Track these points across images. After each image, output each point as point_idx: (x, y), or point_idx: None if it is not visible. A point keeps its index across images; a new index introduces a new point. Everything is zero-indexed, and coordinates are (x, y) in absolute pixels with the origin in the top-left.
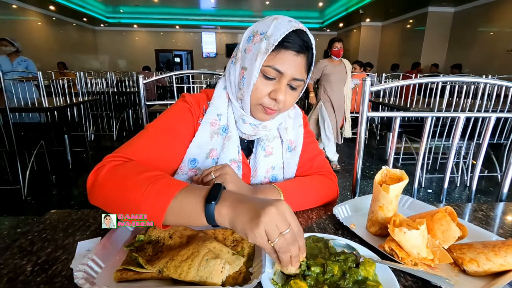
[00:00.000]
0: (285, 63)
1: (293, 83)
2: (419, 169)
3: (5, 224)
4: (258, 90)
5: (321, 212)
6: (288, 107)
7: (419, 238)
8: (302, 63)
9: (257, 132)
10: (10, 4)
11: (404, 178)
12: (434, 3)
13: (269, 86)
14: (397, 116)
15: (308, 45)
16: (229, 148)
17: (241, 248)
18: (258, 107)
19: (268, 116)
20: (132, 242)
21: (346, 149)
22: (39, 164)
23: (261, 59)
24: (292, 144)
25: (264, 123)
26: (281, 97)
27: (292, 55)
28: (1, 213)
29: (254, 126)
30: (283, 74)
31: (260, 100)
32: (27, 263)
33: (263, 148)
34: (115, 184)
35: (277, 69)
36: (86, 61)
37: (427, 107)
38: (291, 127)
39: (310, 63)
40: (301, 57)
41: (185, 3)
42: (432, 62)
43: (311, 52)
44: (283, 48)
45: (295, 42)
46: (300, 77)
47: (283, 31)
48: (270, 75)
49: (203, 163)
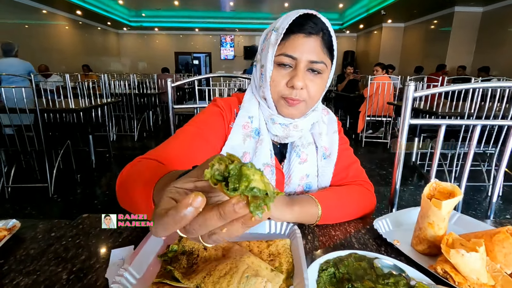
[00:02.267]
0: (296, 47)
1: (313, 66)
2: (456, 178)
3: (40, 227)
4: (275, 81)
5: (359, 225)
6: (314, 96)
7: (478, 262)
8: (317, 45)
9: (288, 133)
10: (40, 9)
11: (457, 194)
12: (461, 3)
13: (286, 76)
14: (442, 124)
15: (319, 26)
16: (262, 152)
17: (279, 264)
18: (281, 101)
19: (293, 109)
20: (166, 253)
21: (367, 154)
22: (65, 163)
23: (273, 50)
24: (326, 151)
25: (294, 122)
26: (298, 83)
27: (302, 38)
28: (30, 210)
29: (284, 126)
30: (297, 59)
31: (280, 92)
32: (63, 271)
33: (298, 154)
34: (129, 181)
35: (289, 55)
36: (109, 63)
37: (455, 110)
38: (325, 132)
39: (329, 45)
40: (313, 39)
41: (205, 6)
42: (458, 64)
43: (326, 33)
44: (292, 34)
45: (303, 25)
46: (318, 59)
47: (290, 18)
48: (285, 63)
49: None
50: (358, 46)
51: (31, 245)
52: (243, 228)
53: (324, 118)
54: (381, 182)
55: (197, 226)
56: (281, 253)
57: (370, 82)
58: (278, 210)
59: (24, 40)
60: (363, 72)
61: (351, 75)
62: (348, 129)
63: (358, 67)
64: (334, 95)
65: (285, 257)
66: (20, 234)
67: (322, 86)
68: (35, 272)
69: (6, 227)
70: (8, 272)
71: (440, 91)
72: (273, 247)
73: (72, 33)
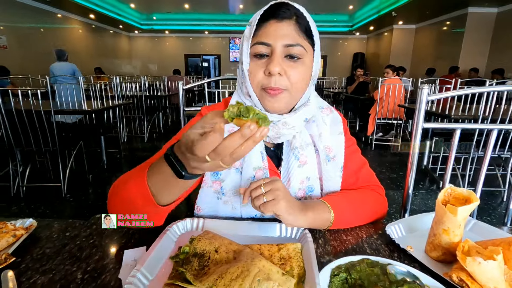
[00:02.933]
0: (269, 33)
1: (290, 51)
2: (468, 182)
3: (55, 227)
4: (253, 73)
5: (371, 230)
6: (296, 84)
7: (496, 270)
8: (291, 28)
9: (278, 132)
10: (55, 13)
11: (473, 200)
12: (475, 4)
13: (263, 65)
14: (457, 128)
15: (292, 11)
16: (251, 156)
17: (290, 268)
18: (262, 93)
19: (275, 101)
20: (177, 254)
21: (377, 157)
22: (77, 164)
23: (247, 43)
24: (330, 152)
25: (283, 119)
26: (274, 68)
27: (274, 23)
28: (44, 209)
29: (273, 125)
30: (272, 45)
31: (260, 83)
32: (77, 270)
33: (297, 157)
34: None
35: (262, 42)
36: (120, 66)
37: (469, 113)
38: (327, 133)
39: (306, 29)
40: (286, 23)
41: (214, 9)
42: (471, 66)
43: (301, 17)
44: (263, 22)
45: (273, 11)
46: (294, 42)
47: (262, 9)
48: (261, 52)
49: (227, 174)
50: (368, 48)
51: (46, 244)
52: (253, 143)
53: (325, 119)
54: (392, 186)
55: (223, 147)
56: (292, 257)
57: (380, 84)
58: (292, 216)
59: (39, 43)
60: (373, 74)
61: (361, 77)
62: (357, 132)
63: (368, 69)
64: (344, 97)
65: (296, 261)
66: (36, 233)
67: (304, 72)
68: (51, 271)
69: (23, 226)
70: (26, 270)
71: (456, 94)
72: (284, 251)
73: (85, 36)
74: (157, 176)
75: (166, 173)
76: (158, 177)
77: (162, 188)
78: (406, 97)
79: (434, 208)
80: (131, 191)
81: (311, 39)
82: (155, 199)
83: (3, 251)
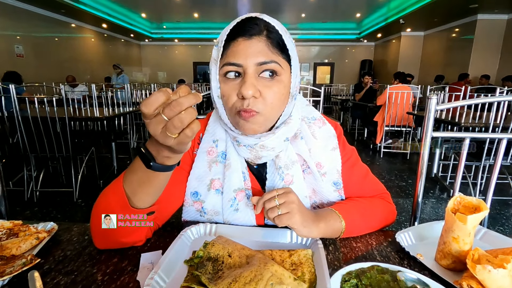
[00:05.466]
0: (238, 52)
1: (264, 68)
2: (482, 192)
3: (74, 230)
4: (226, 96)
5: (380, 237)
6: (272, 103)
7: (506, 279)
8: (262, 45)
9: (257, 155)
10: (69, 23)
11: (483, 208)
12: (484, 11)
13: (236, 87)
14: (467, 137)
15: (261, 26)
16: (231, 177)
17: (301, 273)
18: (236, 117)
19: (250, 124)
20: (192, 258)
21: (386, 164)
22: (89, 169)
23: (216, 65)
24: (321, 168)
25: (260, 142)
26: (246, 91)
27: (242, 41)
28: (56, 214)
29: (250, 148)
30: (243, 66)
31: (234, 106)
32: (97, 272)
33: (282, 177)
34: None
35: (231, 63)
36: (131, 73)
37: (479, 121)
38: (318, 149)
39: (279, 42)
40: (256, 39)
41: (223, 18)
42: (481, 73)
43: (273, 32)
44: (231, 41)
45: (241, 28)
46: (267, 59)
47: (228, 28)
48: (231, 71)
49: (206, 196)
50: (376, 55)
51: (67, 246)
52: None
53: (316, 132)
54: (401, 194)
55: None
56: (303, 263)
57: (388, 91)
58: (306, 228)
59: (54, 52)
60: (381, 81)
61: (368, 84)
62: (365, 139)
63: (376, 76)
64: (352, 104)
65: (307, 267)
66: (57, 236)
67: (281, 91)
68: (73, 272)
69: (45, 229)
70: (49, 271)
71: (465, 104)
72: (295, 256)
73: (97, 45)
74: (132, 175)
75: (139, 169)
76: (133, 176)
77: (137, 187)
78: (415, 104)
79: (444, 217)
80: (108, 198)
81: (286, 54)
82: (130, 202)
83: (28, 252)
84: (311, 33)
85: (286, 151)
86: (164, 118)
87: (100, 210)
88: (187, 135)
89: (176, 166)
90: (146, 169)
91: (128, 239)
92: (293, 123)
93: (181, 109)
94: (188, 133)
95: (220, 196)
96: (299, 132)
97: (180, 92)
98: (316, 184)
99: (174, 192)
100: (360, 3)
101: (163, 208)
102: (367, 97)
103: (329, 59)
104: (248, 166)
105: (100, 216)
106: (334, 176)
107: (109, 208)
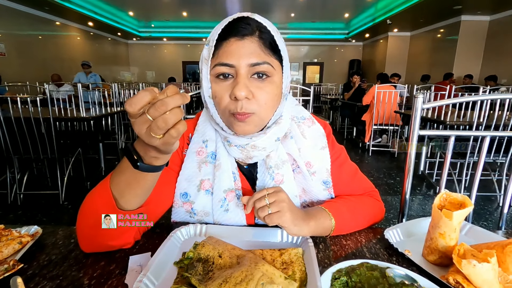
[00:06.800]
0: (231, 53)
1: (256, 70)
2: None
3: (59, 233)
4: (217, 97)
5: (370, 235)
6: (266, 106)
7: (490, 272)
8: (254, 45)
9: (248, 155)
10: (54, 21)
11: (468, 205)
12: (468, 12)
13: (228, 88)
14: (452, 135)
15: (253, 26)
16: (221, 177)
17: (292, 272)
18: (230, 118)
19: (244, 125)
20: (182, 259)
21: (374, 162)
22: (75, 171)
23: (207, 65)
24: (311, 167)
25: (252, 142)
26: (239, 93)
27: (235, 42)
28: (41, 216)
29: (241, 148)
30: (235, 66)
31: (227, 108)
32: (84, 276)
33: (272, 177)
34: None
35: (224, 63)
36: (118, 72)
37: (464, 119)
38: (308, 148)
39: (271, 43)
40: (249, 40)
41: (212, 17)
42: (465, 73)
43: (265, 32)
44: (223, 41)
45: (233, 28)
46: (260, 60)
47: (220, 27)
48: (223, 72)
49: (196, 197)
50: (364, 55)
51: (52, 250)
52: (180, 99)
53: (305, 132)
54: (389, 191)
55: (154, 109)
56: (294, 261)
57: (376, 90)
58: (297, 227)
59: (38, 50)
60: (370, 81)
61: (356, 84)
62: (354, 138)
63: (364, 75)
64: (341, 103)
65: (298, 266)
66: (41, 240)
67: (273, 92)
68: (58, 277)
69: (28, 233)
70: (33, 277)
71: (450, 102)
72: (285, 255)
73: (83, 44)
74: (119, 176)
75: (127, 170)
76: (120, 177)
77: (125, 188)
78: (402, 103)
79: (431, 213)
80: (95, 200)
81: (278, 54)
82: (117, 204)
83: (10, 257)
84: (301, 32)
85: (277, 151)
86: (149, 118)
87: (86, 213)
88: (172, 136)
89: (164, 167)
90: (133, 169)
91: (116, 242)
92: (284, 123)
93: (166, 109)
94: (173, 133)
95: (210, 197)
96: (289, 131)
97: (168, 92)
98: (306, 183)
99: (163, 193)
100: (348, 4)
101: (152, 210)
102: (356, 97)
103: (319, 58)
104: (238, 166)
105: (86, 219)
106: (324, 175)
107: (96, 210)
